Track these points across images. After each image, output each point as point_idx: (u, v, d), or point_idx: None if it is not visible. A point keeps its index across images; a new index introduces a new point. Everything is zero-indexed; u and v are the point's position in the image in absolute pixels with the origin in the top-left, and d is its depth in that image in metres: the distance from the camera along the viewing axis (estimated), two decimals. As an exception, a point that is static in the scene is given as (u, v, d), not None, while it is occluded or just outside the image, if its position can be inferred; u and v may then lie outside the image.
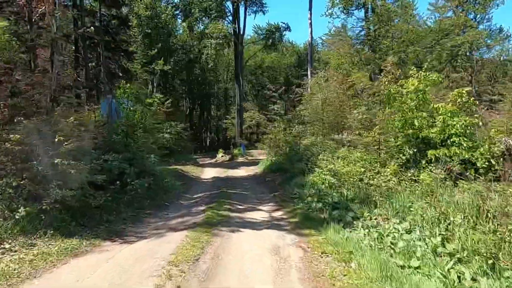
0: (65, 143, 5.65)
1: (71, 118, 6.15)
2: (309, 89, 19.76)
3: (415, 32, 20.15)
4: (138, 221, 7.05)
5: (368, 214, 6.91)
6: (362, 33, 22.28)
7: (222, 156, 29.58)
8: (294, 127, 17.24)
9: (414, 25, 21.59)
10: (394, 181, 7.71)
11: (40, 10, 22.03)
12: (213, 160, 29.26)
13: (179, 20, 31.22)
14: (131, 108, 9.68)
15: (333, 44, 24.84)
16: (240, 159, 25.87)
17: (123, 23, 25.46)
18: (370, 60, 20.24)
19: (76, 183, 6.01)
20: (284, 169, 13.43)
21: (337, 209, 7.64)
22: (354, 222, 6.69)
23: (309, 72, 26.09)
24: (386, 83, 8.51)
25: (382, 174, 8.18)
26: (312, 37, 25.96)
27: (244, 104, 20.34)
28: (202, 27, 27.69)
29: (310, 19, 25.42)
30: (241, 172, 18.22)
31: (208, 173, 17.85)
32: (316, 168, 10.63)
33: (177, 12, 28.65)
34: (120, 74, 28.73)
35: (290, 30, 30.94)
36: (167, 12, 29.50)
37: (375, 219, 6.89)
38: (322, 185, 9.33)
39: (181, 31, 43.14)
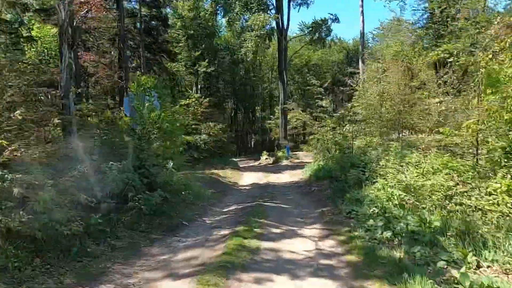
0: (8, 149, 3.89)
1: (18, 111, 4.37)
2: (360, 84, 16.90)
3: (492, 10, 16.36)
4: (134, 254, 5.09)
5: (475, 258, 4.29)
6: (425, 16, 18.83)
7: (266, 158, 27.53)
8: (344, 126, 14.57)
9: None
10: (509, 203, 4.96)
11: (82, 13, 21.67)
12: (256, 163, 27.32)
13: (219, 16, 29.67)
14: (146, 104, 7.89)
15: (389, 31, 21.66)
16: (284, 162, 23.58)
17: (164, 24, 24.52)
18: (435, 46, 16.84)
19: (40, 205, 4.20)
20: (334, 177, 10.90)
21: (417, 242, 5.09)
22: (453, 272, 4.13)
23: (360, 65, 23.08)
24: (489, 57, 5.75)
25: (484, 190, 5.43)
26: (364, 26, 22.88)
27: (288, 103, 18.10)
28: (243, 22, 25.79)
29: (362, 6, 22.39)
30: (284, 177, 15.91)
31: (247, 179, 15.81)
32: (377, 178, 8.04)
33: (218, 7, 27.04)
34: (165, 77, 28.03)
35: (338, 21, 28.00)
36: (206, 8, 28.15)
37: (488, 267, 4.26)
38: (388, 203, 6.76)
39: (224, 32, 42.04)
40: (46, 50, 21.89)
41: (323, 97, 14.72)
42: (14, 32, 20.66)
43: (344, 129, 14.11)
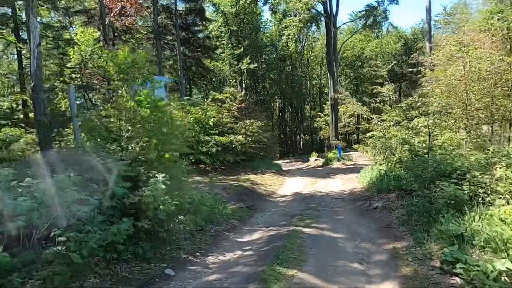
0: None
1: None
2: (427, 71, 13.01)
3: None
4: None
5: None
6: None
7: (315, 160, 24.30)
8: (413, 119, 10.98)
9: None
10: None
11: (115, 10, 20.42)
12: (304, 165, 24.25)
13: (261, 3, 27.05)
14: (124, 91, 5.39)
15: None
16: (336, 165, 20.19)
17: (201, 17, 22.50)
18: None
19: None
20: (407, 190, 7.56)
21: None
22: None
23: (427, 46, 18.86)
24: None
25: None
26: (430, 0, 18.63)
27: (338, 91, 14.45)
28: (285, 9, 22.80)
29: (428, -25, 18.21)
30: (335, 185, 12.68)
31: (289, 187, 12.86)
32: (492, 199, 4.68)
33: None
34: (203, 74, 26.17)
35: (397, 2, 23.70)
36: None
37: None
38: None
39: (269, 27, 39.50)
40: (89, 54, 21.17)
41: (384, 83, 11.28)
42: (58, 37, 20.12)
43: (413, 123, 10.58)
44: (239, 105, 15.93)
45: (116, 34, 23.37)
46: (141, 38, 26.29)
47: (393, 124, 11.60)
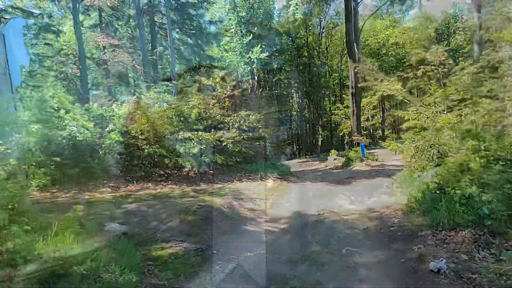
0: None
1: None
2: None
3: None
4: None
5: None
6: None
7: (334, 159, 20.10)
8: (479, 102, 6.75)
9: None
10: None
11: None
12: (321, 166, 20.13)
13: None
14: None
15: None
16: (358, 166, 16.02)
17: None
18: None
19: None
20: (495, 230, 3.51)
21: None
22: None
23: (476, 17, 14.22)
24: None
25: None
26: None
27: (361, 61, 10.26)
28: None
29: None
30: (356, 198, 8.58)
31: (290, 200, 8.91)
32: None
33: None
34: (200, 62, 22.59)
35: (432, -32, 18.95)
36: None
37: None
38: None
39: (284, 14, 35.31)
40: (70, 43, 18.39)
41: (432, 47, 7.17)
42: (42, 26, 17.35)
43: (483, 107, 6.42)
44: (231, 93, 12.14)
45: (106, 19, 20.24)
46: (137, 26, 23.11)
47: (443, 110, 7.45)
